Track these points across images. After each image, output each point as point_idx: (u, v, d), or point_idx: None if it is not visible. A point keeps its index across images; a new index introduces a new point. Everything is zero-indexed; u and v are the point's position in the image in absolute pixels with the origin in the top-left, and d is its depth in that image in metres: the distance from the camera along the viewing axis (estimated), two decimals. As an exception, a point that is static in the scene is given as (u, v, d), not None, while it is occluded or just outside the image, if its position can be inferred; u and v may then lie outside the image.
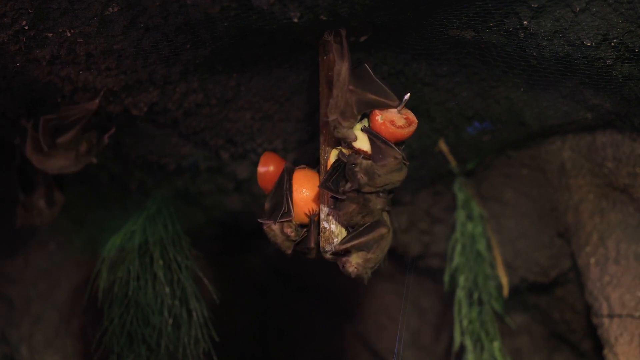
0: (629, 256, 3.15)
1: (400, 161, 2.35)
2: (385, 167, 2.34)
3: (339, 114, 2.34)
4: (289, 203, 2.55)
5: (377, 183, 2.35)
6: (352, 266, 2.43)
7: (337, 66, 2.37)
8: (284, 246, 2.59)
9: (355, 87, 2.33)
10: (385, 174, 2.35)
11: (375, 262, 2.45)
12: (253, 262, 4.38)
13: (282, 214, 2.55)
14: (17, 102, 2.76)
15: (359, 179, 2.34)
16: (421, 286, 4.03)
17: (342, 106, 2.34)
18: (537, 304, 3.95)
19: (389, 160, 2.34)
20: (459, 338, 3.46)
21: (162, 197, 3.38)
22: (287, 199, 2.55)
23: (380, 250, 2.45)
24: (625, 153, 3.03)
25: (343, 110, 2.33)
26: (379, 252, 2.45)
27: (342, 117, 2.34)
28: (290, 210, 2.54)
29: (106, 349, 3.12)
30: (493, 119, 3.11)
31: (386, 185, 2.38)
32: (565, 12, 2.29)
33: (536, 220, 3.61)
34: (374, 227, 2.42)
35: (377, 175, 2.34)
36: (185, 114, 2.94)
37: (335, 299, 4.41)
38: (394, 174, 2.37)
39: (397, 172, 2.37)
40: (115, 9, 2.27)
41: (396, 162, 2.34)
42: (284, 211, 2.55)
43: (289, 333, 4.59)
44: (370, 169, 2.34)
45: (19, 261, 3.74)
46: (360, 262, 2.43)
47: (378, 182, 2.35)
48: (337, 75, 2.37)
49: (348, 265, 2.44)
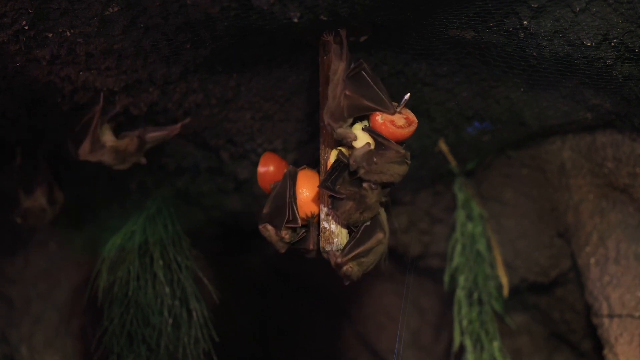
0: (629, 256, 3.15)
1: (402, 155, 2.34)
2: (384, 156, 2.32)
3: (328, 116, 2.35)
4: (294, 211, 2.54)
5: (373, 169, 2.31)
6: (347, 266, 2.44)
7: (334, 66, 2.38)
8: (278, 246, 2.59)
9: (352, 92, 2.33)
10: (383, 163, 2.32)
11: (367, 265, 2.47)
12: (253, 262, 4.38)
13: (287, 221, 2.53)
14: (17, 102, 2.76)
15: (355, 160, 2.31)
16: (421, 286, 4.03)
17: (333, 108, 2.35)
18: (537, 304, 3.95)
19: (390, 152, 2.32)
20: (458, 338, 3.46)
21: (162, 197, 3.38)
22: (292, 207, 2.54)
23: (374, 254, 2.46)
24: (625, 153, 3.03)
25: (333, 112, 2.34)
26: (372, 257, 2.46)
27: (332, 119, 2.35)
28: (296, 218, 2.54)
29: (106, 349, 3.12)
30: (493, 119, 3.11)
31: (382, 175, 2.33)
32: (565, 12, 2.29)
33: (536, 220, 3.61)
34: (372, 233, 2.43)
35: (374, 163, 2.31)
36: (185, 114, 2.94)
37: (335, 299, 4.41)
38: (393, 165, 2.34)
39: (396, 165, 2.35)
40: (115, 9, 2.27)
41: (397, 155, 2.33)
42: (289, 219, 2.53)
43: (289, 333, 4.59)
44: (368, 154, 2.31)
45: (19, 261, 3.74)
46: (355, 264, 2.44)
47: (374, 169, 2.31)
48: (333, 75, 2.38)
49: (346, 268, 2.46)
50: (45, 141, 3.16)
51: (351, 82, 2.35)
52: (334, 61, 2.38)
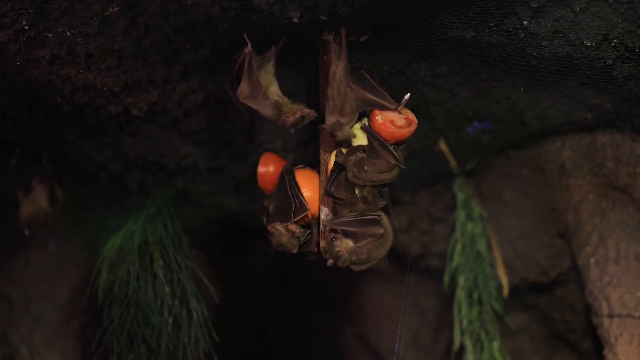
0: (629, 256, 3.15)
1: (392, 166, 2.36)
2: (375, 165, 2.35)
3: (337, 112, 2.34)
4: (300, 199, 2.53)
5: (362, 177, 2.36)
6: (339, 247, 2.39)
7: (333, 66, 2.38)
8: (290, 244, 2.55)
9: (356, 86, 2.34)
10: (373, 172, 2.36)
11: (359, 257, 2.40)
12: (253, 263, 4.38)
13: (295, 210, 2.51)
14: (17, 101, 2.77)
15: (348, 166, 2.35)
16: (421, 286, 4.03)
17: (340, 104, 2.34)
18: (537, 304, 3.95)
19: (381, 162, 2.34)
20: (458, 338, 3.46)
21: (162, 197, 3.38)
22: (297, 195, 2.54)
23: (369, 251, 2.41)
24: (625, 153, 3.03)
25: (341, 107, 2.34)
26: (366, 251, 2.40)
27: (341, 114, 2.34)
28: (303, 205, 2.51)
29: (106, 349, 3.12)
30: (493, 119, 3.11)
31: (373, 182, 2.38)
32: (565, 12, 2.29)
33: (536, 220, 3.61)
34: (370, 224, 2.41)
35: (364, 170, 2.35)
36: (185, 114, 2.94)
37: (335, 299, 4.40)
38: (382, 174, 2.37)
39: (386, 173, 2.38)
40: (115, 9, 2.27)
41: (388, 166, 2.36)
42: (297, 207, 2.51)
43: (289, 333, 4.59)
44: (360, 162, 2.35)
45: (19, 261, 3.74)
46: (346, 249, 2.39)
47: (363, 176, 2.36)
48: (332, 76, 2.38)
49: (336, 243, 2.40)
50: (46, 141, 3.17)
51: (354, 77, 2.36)
52: (333, 61, 2.38)
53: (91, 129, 3.06)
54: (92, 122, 2.96)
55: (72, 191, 3.38)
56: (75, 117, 2.91)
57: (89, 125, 3.00)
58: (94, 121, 2.96)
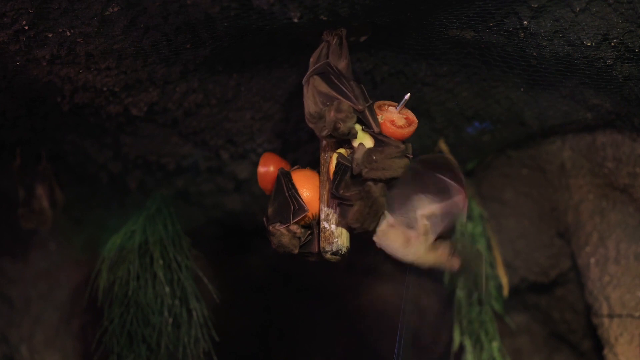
0: (629, 256, 3.15)
1: (401, 150, 2.32)
2: (383, 152, 2.29)
3: (334, 110, 2.31)
4: (298, 200, 2.53)
5: (374, 166, 2.29)
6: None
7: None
8: (291, 245, 2.55)
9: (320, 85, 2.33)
10: (383, 159, 2.29)
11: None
12: (253, 262, 4.38)
13: (294, 211, 2.51)
14: (17, 101, 2.77)
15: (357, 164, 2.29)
16: (421, 286, 4.03)
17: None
18: (537, 304, 3.95)
19: (389, 148, 2.31)
20: (458, 338, 3.46)
21: (162, 197, 3.38)
22: (295, 197, 2.53)
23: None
24: (625, 153, 3.04)
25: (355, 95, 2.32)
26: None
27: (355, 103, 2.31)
28: (302, 206, 2.50)
29: (106, 349, 3.12)
30: (493, 119, 3.11)
31: (385, 171, 2.30)
32: (565, 12, 2.29)
33: (536, 220, 3.61)
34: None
35: (373, 160, 2.28)
36: (185, 114, 2.94)
37: (335, 299, 4.41)
38: (394, 160, 2.32)
39: (397, 159, 2.32)
40: (115, 9, 2.27)
41: (397, 150, 2.30)
42: (295, 209, 2.51)
43: (289, 333, 4.59)
44: (366, 154, 2.29)
45: (19, 261, 3.74)
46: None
47: (375, 166, 2.29)
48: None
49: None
50: (46, 141, 3.17)
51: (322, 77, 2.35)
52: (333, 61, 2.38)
53: (91, 129, 3.06)
54: (92, 122, 2.97)
55: (72, 191, 3.38)
56: (75, 117, 2.92)
57: (89, 125, 3.00)
58: (94, 121, 2.96)
